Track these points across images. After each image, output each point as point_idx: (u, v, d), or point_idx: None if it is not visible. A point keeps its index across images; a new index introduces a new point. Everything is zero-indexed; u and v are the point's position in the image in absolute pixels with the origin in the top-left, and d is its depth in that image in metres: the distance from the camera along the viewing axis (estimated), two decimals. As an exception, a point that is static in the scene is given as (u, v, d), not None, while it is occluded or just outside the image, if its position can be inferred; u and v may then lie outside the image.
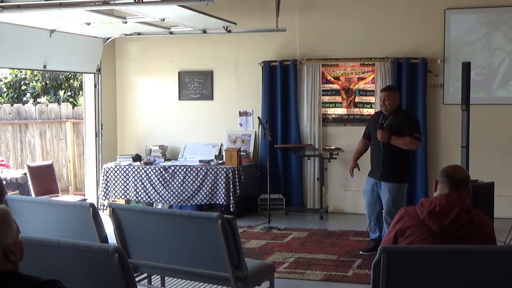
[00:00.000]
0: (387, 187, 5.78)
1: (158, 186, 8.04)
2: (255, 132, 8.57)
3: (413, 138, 5.71)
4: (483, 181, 6.09)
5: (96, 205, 4.60)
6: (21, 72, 11.84)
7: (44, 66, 7.63)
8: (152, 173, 8.07)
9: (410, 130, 5.72)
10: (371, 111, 8.14)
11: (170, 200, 7.99)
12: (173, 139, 8.91)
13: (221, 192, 7.81)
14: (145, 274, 4.50)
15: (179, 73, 8.92)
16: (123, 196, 8.22)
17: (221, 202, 7.83)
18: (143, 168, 8.12)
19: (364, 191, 6.12)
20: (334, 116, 8.35)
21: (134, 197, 8.17)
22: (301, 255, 6.14)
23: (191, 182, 7.93)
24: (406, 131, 5.71)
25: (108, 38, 8.55)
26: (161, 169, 8.04)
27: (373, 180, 5.93)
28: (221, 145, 8.63)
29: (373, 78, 8.13)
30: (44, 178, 7.50)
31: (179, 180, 7.96)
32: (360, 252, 6.12)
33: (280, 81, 8.33)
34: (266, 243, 6.67)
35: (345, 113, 8.30)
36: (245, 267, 3.91)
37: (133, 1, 5.59)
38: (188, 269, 4.05)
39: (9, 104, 10.40)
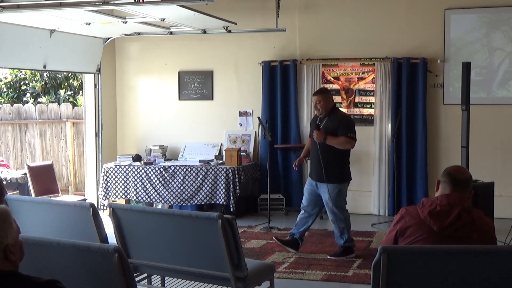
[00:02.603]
0: (326, 188, 5.79)
1: (158, 186, 8.04)
2: (255, 132, 8.57)
3: (348, 137, 5.75)
4: (483, 181, 6.09)
5: (96, 205, 4.60)
6: (21, 72, 11.84)
7: (44, 66, 7.64)
8: (152, 173, 8.07)
9: (344, 130, 5.75)
10: (371, 111, 8.15)
11: (170, 200, 7.98)
12: (173, 139, 8.90)
13: (221, 192, 7.81)
14: (145, 274, 4.50)
15: (179, 73, 8.92)
16: (123, 196, 8.22)
17: (221, 202, 7.83)
18: (143, 168, 8.12)
19: (306, 190, 6.11)
20: (334, 116, 8.34)
21: (134, 197, 8.17)
22: (301, 255, 6.14)
23: (191, 182, 7.92)
24: (341, 131, 5.74)
25: (108, 38, 8.55)
26: (161, 169, 8.04)
27: (313, 181, 5.96)
28: (221, 145, 8.63)
29: (373, 78, 8.13)
30: (44, 178, 7.50)
31: (179, 180, 7.96)
32: (275, 239, 6.17)
33: (280, 81, 8.33)
34: (266, 243, 6.67)
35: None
36: (245, 267, 3.91)
37: (133, 1, 5.58)
38: (188, 269, 4.05)
39: (9, 104, 10.40)
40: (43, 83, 11.91)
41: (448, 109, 7.95)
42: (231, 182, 7.78)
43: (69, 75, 11.80)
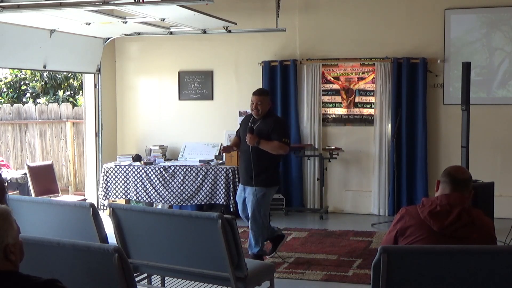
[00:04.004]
0: (252, 191, 5.56)
1: (158, 186, 8.04)
2: (255, 132, 8.55)
3: (282, 142, 5.50)
4: (483, 181, 6.09)
5: (96, 205, 4.59)
6: (21, 72, 11.84)
7: (44, 66, 7.63)
8: (152, 173, 8.07)
9: (278, 135, 5.51)
10: (371, 111, 8.15)
11: (170, 200, 7.99)
12: (173, 139, 8.90)
13: (221, 192, 7.81)
14: (145, 274, 4.50)
15: (179, 73, 8.92)
16: (123, 196, 8.22)
17: (221, 202, 7.83)
18: (143, 168, 8.12)
19: (238, 197, 5.87)
20: (334, 116, 8.35)
21: (134, 197, 8.17)
22: (301, 255, 6.14)
23: (191, 182, 7.93)
24: (275, 135, 5.51)
25: (108, 38, 8.55)
26: (161, 169, 8.04)
27: (242, 186, 5.74)
28: (221, 145, 8.62)
29: (373, 78, 8.13)
30: (44, 178, 7.50)
31: (179, 180, 7.96)
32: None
33: (280, 81, 8.33)
34: (266, 243, 6.65)
35: (345, 113, 8.31)
36: (245, 267, 3.91)
37: (133, 1, 5.58)
38: (188, 269, 4.05)
39: (9, 104, 10.40)
40: (43, 83, 11.90)
41: (448, 109, 7.95)
42: (231, 182, 7.78)
43: (68, 75, 11.80)
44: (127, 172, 8.18)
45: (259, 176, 5.53)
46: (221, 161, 8.16)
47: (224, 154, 8.05)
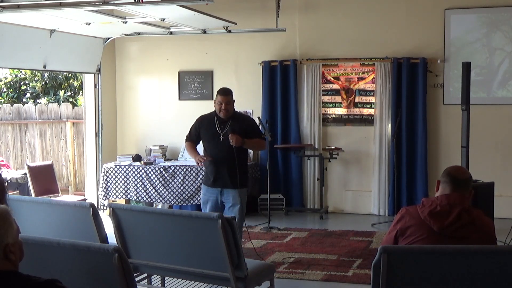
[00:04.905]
0: (237, 193, 5.33)
1: (158, 186, 8.04)
2: (255, 132, 8.55)
3: (262, 139, 5.53)
4: (483, 181, 6.09)
5: (96, 205, 4.59)
6: (21, 72, 11.84)
7: (44, 66, 7.63)
8: (152, 173, 8.07)
9: (257, 132, 5.54)
10: (371, 111, 8.15)
11: (170, 200, 7.98)
12: (173, 139, 8.90)
13: (221, 192, 7.79)
14: (145, 274, 4.50)
15: (179, 73, 8.92)
16: (123, 196, 8.22)
17: (221, 202, 7.81)
18: (143, 168, 8.12)
19: (206, 202, 5.45)
20: (334, 116, 8.35)
21: (134, 197, 8.17)
22: (301, 255, 6.14)
23: (191, 182, 7.92)
24: (254, 133, 5.46)
25: (108, 38, 8.55)
26: (161, 169, 8.04)
27: (217, 189, 5.37)
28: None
29: (373, 78, 8.13)
30: (44, 178, 7.50)
31: (179, 180, 7.96)
32: None
33: (280, 81, 8.33)
34: (266, 243, 6.66)
35: (345, 113, 8.31)
36: (245, 267, 3.91)
37: (133, 1, 5.58)
38: (188, 269, 4.05)
39: (9, 104, 10.40)
40: (43, 83, 11.91)
41: (448, 109, 7.95)
42: (231, 182, 7.76)
43: (69, 75, 11.80)
44: (127, 172, 8.18)
45: (243, 177, 5.43)
46: (221, 161, 8.14)
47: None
